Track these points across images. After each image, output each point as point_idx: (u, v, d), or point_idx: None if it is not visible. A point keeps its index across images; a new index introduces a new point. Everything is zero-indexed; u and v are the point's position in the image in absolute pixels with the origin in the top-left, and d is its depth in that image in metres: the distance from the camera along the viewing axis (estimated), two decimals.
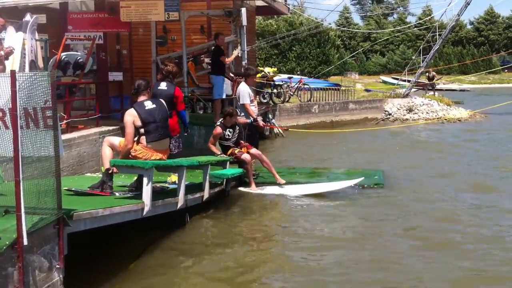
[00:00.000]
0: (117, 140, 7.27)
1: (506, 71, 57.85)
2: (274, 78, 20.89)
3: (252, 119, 10.33)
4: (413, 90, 25.97)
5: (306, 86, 22.26)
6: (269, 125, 16.81)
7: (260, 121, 10.68)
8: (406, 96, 23.93)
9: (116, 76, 13.25)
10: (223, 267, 6.27)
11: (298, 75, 31.65)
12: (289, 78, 24.10)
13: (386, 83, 39.78)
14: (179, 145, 8.20)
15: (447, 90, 39.62)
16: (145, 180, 6.42)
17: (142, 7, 11.75)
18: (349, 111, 21.78)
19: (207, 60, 14.25)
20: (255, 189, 9.51)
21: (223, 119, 9.51)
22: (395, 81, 32.96)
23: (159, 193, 7.21)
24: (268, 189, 9.59)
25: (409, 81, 26.98)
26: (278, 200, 9.18)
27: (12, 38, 9.13)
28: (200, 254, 6.67)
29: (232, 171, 9.29)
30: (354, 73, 54.08)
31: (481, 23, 70.27)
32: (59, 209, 4.79)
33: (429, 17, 55.81)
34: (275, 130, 17.55)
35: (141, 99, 7.05)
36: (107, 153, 7.10)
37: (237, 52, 12.54)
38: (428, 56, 26.21)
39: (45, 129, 4.61)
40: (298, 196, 9.26)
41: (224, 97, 12.59)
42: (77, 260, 5.45)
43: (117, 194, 6.87)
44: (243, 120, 10.21)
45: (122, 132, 8.84)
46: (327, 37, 42.41)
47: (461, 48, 64.44)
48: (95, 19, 12.38)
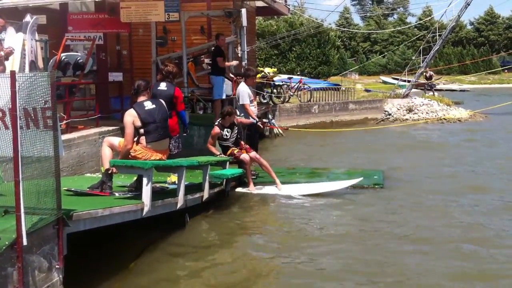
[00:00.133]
0: (117, 140, 7.28)
1: (506, 71, 57.77)
2: (274, 78, 20.91)
3: (256, 120, 10.38)
4: (413, 90, 25.96)
5: (306, 86, 22.27)
6: (269, 125, 16.82)
7: (261, 123, 10.76)
8: (406, 96, 23.93)
9: (116, 76, 13.26)
10: (223, 267, 6.29)
11: (298, 75, 31.62)
12: (289, 78, 24.09)
13: (386, 83, 39.76)
14: (179, 145, 8.24)
15: (447, 90, 39.61)
16: (145, 180, 6.43)
17: (142, 8, 11.75)
18: (349, 111, 21.80)
19: (207, 60, 14.26)
20: (253, 189, 9.51)
21: (221, 119, 9.51)
22: (395, 81, 32.94)
23: (158, 193, 7.22)
24: (266, 189, 9.60)
25: (409, 81, 26.97)
26: (277, 200, 9.18)
27: (12, 38, 9.15)
28: (199, 254, 6.68)
29: (231, 171, 9.30)
30: (354, 73, 54.03)
31: (481, 23, 70.20)
32: (58, 210, 4.80)
33: (429, 18, 55.82)
34: (275, 130, 17.56)
35: (141, 99, 7.06)
36: (106, 154, 7.12)
37: (235, 63, 12.63)
38: (428, 56, 26.20)
39: (45, 130, 4.61)
40: (297, 196, 9.27)
41: (224, 97, 12.61)
42: (77, 260, 5.46)
43: (117, 194, 6.88)
44: (248, 120, 10.22)
45: (122, 132, 8.85)
46: (327, 37, 42.36)
47: (461, 48, 64.36)
48: (95, 19, 12.38)
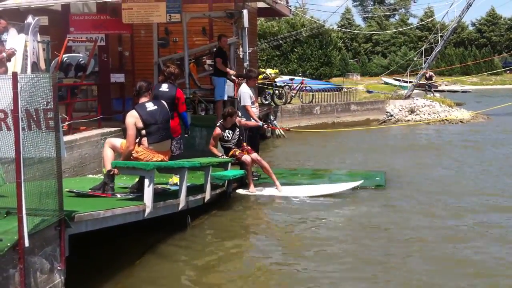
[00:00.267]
0: (119, 141, 7.28)
1: (508, 72, 57.69)
2: (275, 79, 20.91)
3: (261, 124, 10.41)
4: (415, 91, 25.93)
5: (307, 87, 22.28)
6: (271, 126, 16.81)
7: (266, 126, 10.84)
8: (408, 97, 23.91)
9: (118, 77, 13.25)
10: (225, 269, 6.28)
11: (299, 76, 31.62)
12: (291, 79, 24.10)
13: (387, 84, 39.72)
14: (180, 146, 8.24)
15: (449, 91, 39.59)
16: (147, 181, 6.43)
17: (144, 9, 11.75)
18: (351, 112, 21.79)
19: (208, 61, 14.27)
20: (253, 190, 9.50)
21: (223, 120, 9.51)
22: (397, 83, 32.92)
23: (160, 195, 7.22)
24: (267, 191, 9.59)
25: (411, 83, 26.95)
26: (278, 201, 9.16)
27: (14, 40, 9.17)
28: (201, 256, 6.67)
29: (233, 172, 9.29)
30: (356, 74, 54.05)
31: (483, 24, 70.19)
32: (60, 211, 4.80)
33: (431, 19, 55.82)
34: (277, 131, 17.56)
35: (143, 100, 7.06)
36: (108, 155, 7.11)
37: (233, 72, 12.61)
38: (430, 57, 26.17)
39: (46, 131, 4.61)
40: (298, 197, 9.25)
41: (225, 98, 12.62)
42: (79, 261, 5.46)
43: (119, 195, 6.88)
44: (252, 123, 10.21)
45: (123, 133, 8.85)
46: (329, 38, 42.33)
47: (463, 49, 64.33)
48: (97, 21, 12.38)
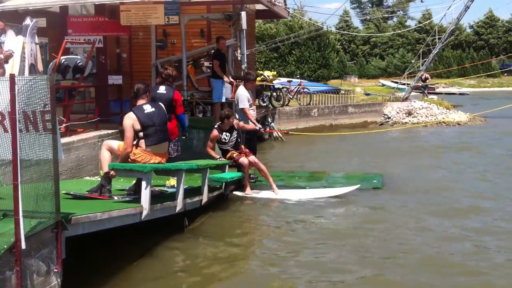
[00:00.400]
0: (116, 143, 7.28)
1: (505, 74, 57.87)
2: (273, 81, 20.92)
3: (259, 127, 10.42)
4: (412, 93, 25.99)
5: (305, 89, 22.29)
6: (268, 130, 16.80)
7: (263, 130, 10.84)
8: (405, 99, 23.95)
9: (115, 79, 13.24)
10: (223, 271, 6.27)
11: (297, 78, 31.66)
12: (289, 81, 24.12)
13: (385, 86, 39.81)
14: (178, 148, 8.24)
15: (446, 93, 39.66)
16: (144, 183, 6.43)
17: (142, 11, 11.77)
18: (349, 114, 21.81)
19: (206, 63, 14.27)
20: (250, 192, 9.51)
21: (220, 122, 9.51)
22: (395, 85, 32.99)
23: (157, 197, 7.22)
24: (263, 193, 9.58)
25: (408, 85, 27.01)
26: (276, 204, 9.16)
27: (12, 41, 9.16)
28: (198, 258, 6.67)
29: (231, 174, 9.29)
30: (353, 76, 54.11)
31: (481, 26, 70.28)
32: (57, 213, 4.79)
33: (429, 21, 55.89)
34: (274, 133, 17.56)
35: (140, 102, 7.07)
36: (105, 157, 7.11)
37: (228, 81, 12.58)
38: (427, 59, 26.22)
39: (44, 133, 4.61)
40: (294, 200, 9.24)
41: (223, 100, 12.61)
42: (76, 264, 5.45)
43: (116, 198, 6.88)
44: (250, 126, 10.22)
45: (121, 135, 8.85)
46: (327, 40, 42.36)
47: (461, 51, 64.44)
48: (95, 22, 12.39)
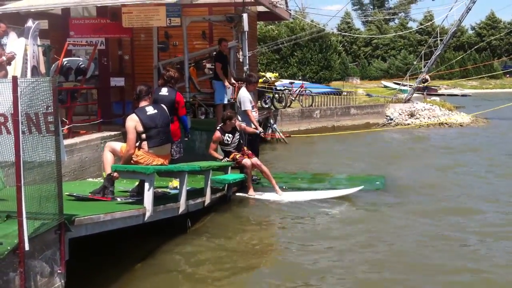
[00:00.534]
0: (119, 145, 7.29)
1: (508, 76, 57.81)
2: (275, 83, 20.92)
3: (259, 131, 10.43)
4: (415, 95, 25.96)
5: (307, 91, 22.30)
6: (269, 134, 16.77)
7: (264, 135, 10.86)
8: (407, 101, 23.93)
9: (117, 81, 13.24)
10: (225, 273, 6.27)
11: (299, 80, 31.67)
12: (291, 83, 24.13)
13: (387, 87, 39.78)
14: (180, 150, 8.25)
15: (448, 95, 39.63)
16: (147, 185, 6.43)
17: (144, 13, 11.77)
18: (351, 116, 21.82)
19: (208, 65, 14.29)
20: (253, 194, 9.50)
21: (222, 124, 9.52)
22: (397, 86, 32.95)
23: (160, 198, 7.21)
24: (266, 195, 9.57)
25: (410, 86, 26.98)
26: (278, 205, 9.16)
27: (14, 43, 9.16)
28: (201, 259, 6.67)
29: (233, 176, 9.29)
30: (355, 78, 54.13)
31: (483, 28, 70.22)
32: (60, 214, 4.79)
33: (431, 22, 55.88)
34: (277, 134, 17.55)
35: (143, 104, 7.07)
36: (108, 159, 7.12)
37: (229, 86, 12.58)
38: (429, 61, 26.20)
39: (46, 135, 4.61)
40: (297, 201, 9.23)
41: (225, 102, 12.62)
42: (79, 265, 5.45)
43: (119, 199, 6.87)
44: (251, 129, 10.22)
45: (123, 137, 8.86)
46: (329, 42, 42.39)
47: (463, 53, 64.38)
48: (97, 24, 12.39)
